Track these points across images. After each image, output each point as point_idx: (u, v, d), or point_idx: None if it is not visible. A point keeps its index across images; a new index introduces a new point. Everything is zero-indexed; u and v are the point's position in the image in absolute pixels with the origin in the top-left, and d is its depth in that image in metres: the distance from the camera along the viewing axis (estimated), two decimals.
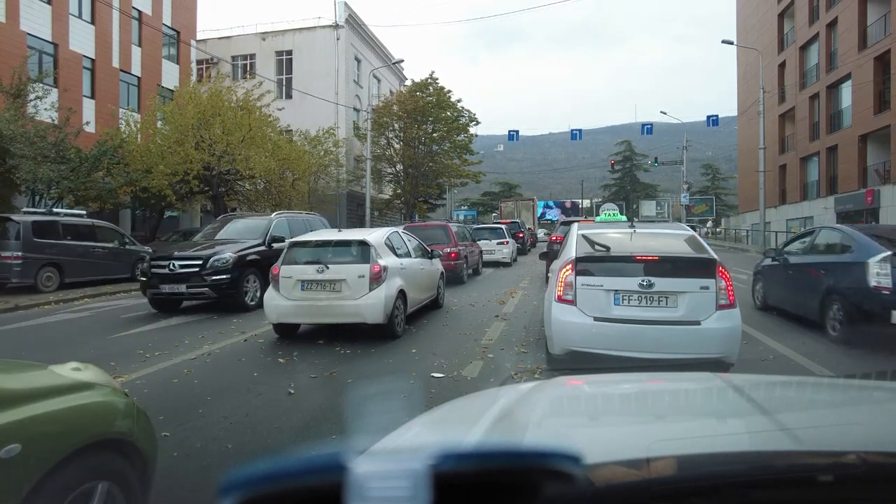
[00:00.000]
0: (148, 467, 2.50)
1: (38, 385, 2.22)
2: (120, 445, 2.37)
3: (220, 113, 20.37)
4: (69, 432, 2.17)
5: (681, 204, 42.04)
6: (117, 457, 2.35)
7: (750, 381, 1.80)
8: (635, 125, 57.57)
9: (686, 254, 5.37)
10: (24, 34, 20.69)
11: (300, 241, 8.00)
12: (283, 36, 34.64)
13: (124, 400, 2.51)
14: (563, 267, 5.35)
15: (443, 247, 13.09)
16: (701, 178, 70.30)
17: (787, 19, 34.70)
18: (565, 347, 5.20)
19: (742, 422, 1.36)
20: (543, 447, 0.72)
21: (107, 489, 2.22)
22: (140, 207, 23.62)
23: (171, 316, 9.72)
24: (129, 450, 2.40)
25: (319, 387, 5.48)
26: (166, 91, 25.70)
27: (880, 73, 24.80)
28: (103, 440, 2.31)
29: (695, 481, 0.89)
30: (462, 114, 34.03)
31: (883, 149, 24.98)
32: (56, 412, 2.15)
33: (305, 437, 4.13)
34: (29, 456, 1.96)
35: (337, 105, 32.44)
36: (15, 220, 12.91)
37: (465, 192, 67.27)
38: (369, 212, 28.93)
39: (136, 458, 2.42)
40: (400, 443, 1.29)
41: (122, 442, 2.38)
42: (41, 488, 1.97)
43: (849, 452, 0.93)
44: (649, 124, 36.77)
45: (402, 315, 7.77)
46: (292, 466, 0.65)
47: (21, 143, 15.13)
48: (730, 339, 4.95)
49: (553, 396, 1.71)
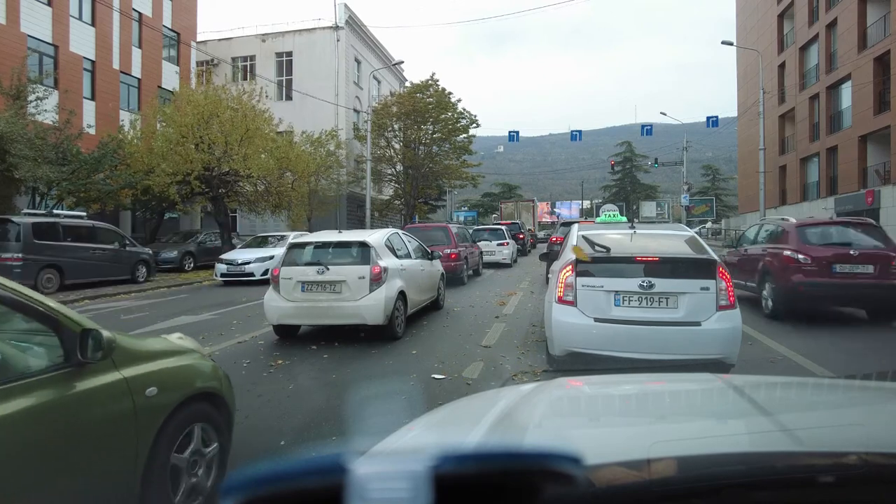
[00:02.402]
0: (231, 416, 3.23)
1: (161, 348, 2.96)
2: (212, 398, 3.07)
3: (219, 113, 20.38)
4: (183, 383, 2.89)
5: (681, 205, 42.02)
6: (211, 406, 3.04)
7: (750, 381, 1.80)
8: (635, 126, 57.58)
9: (686, 255, 5.37)
10: (24, 36, 20.70)
11: (300, 243, 8.00)
12: (283, 37, 34.64)
13: (212, 364, 3.25)
14: (564, 268, 5.35)
15: (443, 248, 13.10)
16: (701, 179, 70.33)
17: (787, 20, 34.70)
18: (566, 348, 5.19)
19: (743, 423, 1.36)
20: (544, 448, 0.72)
21: (204, 429, 2.95)
22: (140, 209, 23.63)
23: (171, 318, 9.72)
24: (218, 402, 3.11)
25: (319, 388, 5.48)
26: (167, 92, 25.72)
27: (880, 74, 24.79)
28: (202, 392, 2.99)
29: (695, 482, 0.89)
30: (463, 115, 34.03)
31: (883, 149, 24.98)
32: (174, 368, 2.88)
33: (306, 438, 4.12)
34: (161, 397, 2.67)
35: (337, 106, 32.46)
36: (15, 222, 12.91)
37: (466, 194, 67.33)
38: (369, 213, 28.94)
39: (223, 408, 3.14)
40: (400, 444, 1.29)
41: (214, 395, 3.08)
42: (168, 424, 2.67)
43: (850, 453, 0.93)
44: (649, 125, 36.81)
45: (402, 316, 7.76)
46: (293, 468, 0.65)
47: (21, 144, 15.14)
48: (730, 340, 4.94)
49: (553, 397, 1.71)
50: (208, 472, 2.94)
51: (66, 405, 2.26)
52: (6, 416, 2.00)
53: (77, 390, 2.30)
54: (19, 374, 2.23)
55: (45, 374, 2.27)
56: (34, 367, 2.34)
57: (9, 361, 2.29)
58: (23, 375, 2.21)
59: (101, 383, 2.41)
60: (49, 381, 2.24)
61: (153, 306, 11.58)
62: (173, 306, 11.41)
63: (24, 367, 2.32)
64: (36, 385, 2.18)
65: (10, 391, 2.07)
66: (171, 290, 14.95)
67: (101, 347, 2.38)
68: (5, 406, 2.01)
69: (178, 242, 20.62)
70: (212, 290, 14.45)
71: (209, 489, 2.92)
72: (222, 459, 3.06)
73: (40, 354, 2.43)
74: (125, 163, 19.73)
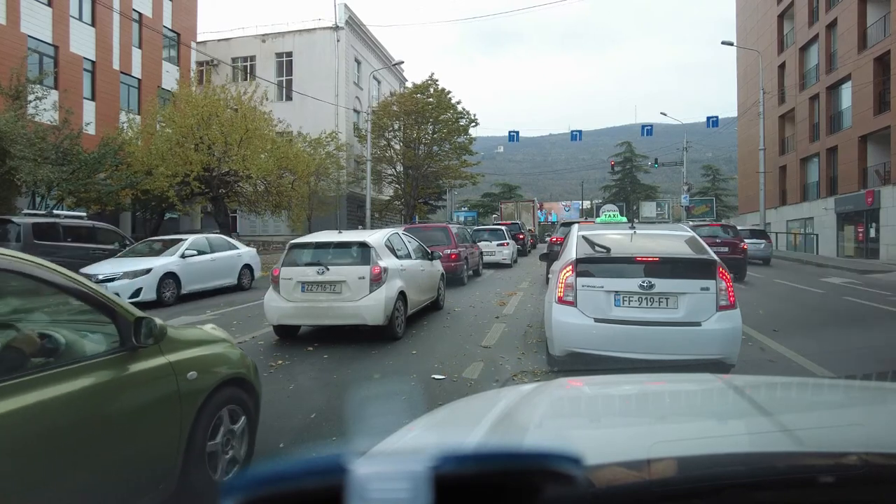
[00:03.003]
0: (258, 400, 3.55)
1: (199, 337, 3.27)
2: (242, 383, 3.37)
3: (218, 113, 20.38)
4: (218, 369, 3.19)
5: (681, 205, 42.05)
6: (242, 391, 3.34)
7: (750, 382, 1.80)
8: (635, 126, 57.53)
9: (686, 255, 5.37)
10: (24, 36, 20.72)
11: (300, 243, 8.00)
12: (283, 38, 34.64)
13: (241, 352, 3.55)
14: (564, 268, 5.35)
15: (443, 248, 13.09)
16: (701, 180, 70.25)
17: (787, 20, 34.70)
18: (566, 349, 5.19)
19: (743, 423, 1.36)
20: (544, 448, 0.72)
21: (236, 410, 3.26)
22: (140, 209, 23.62)
23: (171, 318, 9.71)
24: (248, 387, 3.41)
25: (320, 389, 5.48)
26: (167, 93, 25.72)
27: (880, 74, 24.79)
28: (234, 377, 3.28)
29: (696, 482, 0.89)
30: (462, 115, 34.02)
31: (883, 150, 24.97)
32: (210, 355, 3.20)
33: (306, 439, 4.12)
34: (200, 381, 2.95)
35: (337, 107, 32.46)
36: (15, 222, 12.89)
37: (466, 194, 67.31)
38: (369, 213, 28.94)
39: (252, 392, 3.45)
40: (400, 445, 1.29)
41: (244, 380, 3.38)
42: (205, 405, 2.96)
43: (850, 453, 0.93)
44: (649, 125, 36.81)
45: (402, 316, 7.76)
46: (293, 469, 0.65)
47: (21, 144, 15.13)
48: (730, 341, 4.94)
49: (554, 398, 1.71)
50: (239, 449, 3.29)
51: (122, 384, 2.56)
52: (74, 392, 2.28)
53: (130, 372, 2.60)
54: (84, 356, 2.51)
55: (105, 356, 2.55)
56: (95, 350, 2.61)
57: (73, 345, 2.54)
58: (86, 357, 2.50)
59: (150, 366, 2.70)
60: (108, 362, 2.53)
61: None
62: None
63: (86, 350, 2.59)
64: (97, 366, 2.47)
65: (77, 370, 2.36)
66: None
67: (153, 334, 2.70)
68: (74, 383, 2.30)
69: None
70: None
71: (241, 463, 3.28)
72: (251, 438, 3.41)
73: (98, 339, 2.68)
74: (125, 162, 19.73)
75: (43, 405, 2.15)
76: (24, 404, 2.08)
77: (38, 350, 2.37)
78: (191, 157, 19.80)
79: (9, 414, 2.02)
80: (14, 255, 2.36)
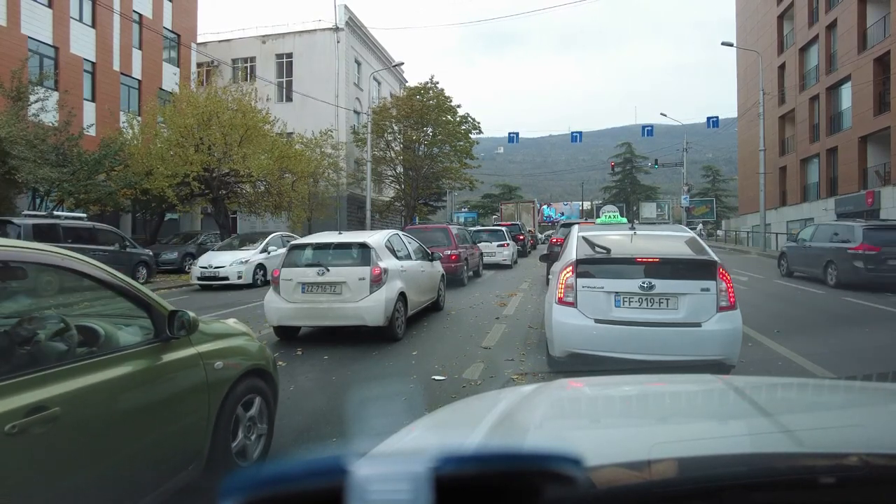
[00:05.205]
0: (276, 390, 3.76)
1: (223, 330, 3.49)
2: (262, 374, 3.57)
3: (218, 114, 20.38)
4: (241, 360, 3.40)
5: (681, 206, 42.08)
6: (261, 381, 3.54)
7: (751, 382, 1.80)
8: (635, 127, 57.53)
9: (686, 255, 5.37)
10: (25, 37, 20.71)
11: (300, 244, 8.00)
12: (283, 39, 34.65)
13: (261, 345, 3.76)
14: (564, 269, 5.35)
15: (443, 249, 13.08)
16: (701, 180, 70.29)
17: (787, 21, 34.70)
18: (566, 349, 5.19)
19: (743, 424, 1.36)
20: (544, 449, 0.72)
21: (258, 400, 3.47)
22: (140, 210, 23.62)
23: None
24: (267, 377, 3.62)
25: (320, 390, 5.48)
26: (167, 94, 25.73)
27: (880, 75, 24.79)
28: (255, 368, 3.49)
29: (696, 483, 0.89)
30: (466, 120, 33.95)
31: (883, 150, 24.98)
32: (234, 346, 3.43)
33: (306, 440, 4.12)
34: (225, 371, 3.18)
35: (337, 108, 32.47)
36: (15, 224, 12.90)
37: (466, 195, 67.24)
38: (370, 214, 28.93)
39: (271, 383, 3.66)
40: (401, 445, 1.29)
41: (264, 371, 3.59)
42: (230, 393, 3.18)
43: (850, 454, 0.93)
44: (649, 126, 36.81)
45: (402, 317, 7.75)
46: (293, 470, 0.65)
47: (21, 145, 15.14)
48: (731, 341, 4.94)
49: (554, 399, 1.71)
50: (259, 438, 3.50)
51: (157, 372, 2.77)
52: (114, 378, 2.51)
53: (164, 361, 2.81)
54: (123, 346, 2.74)
55: (141, 346, 2.78)
56: (133, 341, 2.83)
57: (112, 336, 2.76)
58: (125, 347, 2.74)
59: (181, 356, 2.92)
60: (144, 352, 2.75)
61: None
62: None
63: (125, 341, 2.82)
64: (135, 355, 2.70)
65: (117, 359, 2.59)
66: (172, 291, 14.95)
67: (185, 326, 2.91)
68: (115, 370, 2.53)
69: (178, 244, 20.60)
70: (212, 291, 14.43)
71: (261, 450, 3.50)
72: (270, 426, 3.62)
73: (134, 331, 2.91)
74: (125, 163, 19.73)
75: (93, 388, 2.38)
76: (75, 387, 2.29)
77: (83, 340, 2.60)
78: (191, 157, 19.80)
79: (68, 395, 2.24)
80: (67, 253, 2.57)
